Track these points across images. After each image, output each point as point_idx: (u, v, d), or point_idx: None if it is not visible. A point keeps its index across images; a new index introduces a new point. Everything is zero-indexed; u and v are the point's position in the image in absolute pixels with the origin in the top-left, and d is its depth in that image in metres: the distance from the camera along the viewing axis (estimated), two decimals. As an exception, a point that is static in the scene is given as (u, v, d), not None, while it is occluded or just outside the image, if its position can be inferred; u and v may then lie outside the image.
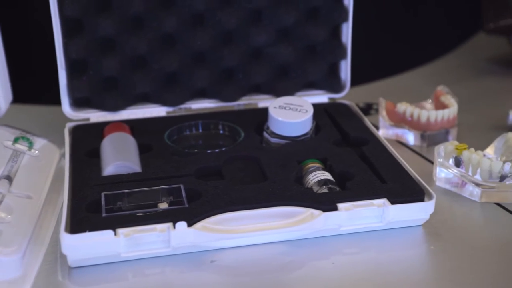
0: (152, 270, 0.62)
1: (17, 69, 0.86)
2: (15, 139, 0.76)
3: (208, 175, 0.73)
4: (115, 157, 0.73)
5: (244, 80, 0.87)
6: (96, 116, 0.84)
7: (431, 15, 1.21)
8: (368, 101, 0.97)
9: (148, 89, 0.84)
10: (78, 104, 0.84)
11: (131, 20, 0.81)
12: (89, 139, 0.79)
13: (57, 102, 0.82)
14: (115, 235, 0.61)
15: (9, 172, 0.72)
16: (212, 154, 0.75)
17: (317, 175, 0.71)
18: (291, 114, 0.77)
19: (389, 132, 0.87)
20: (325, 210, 0.65)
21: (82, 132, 0.81)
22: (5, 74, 0.81)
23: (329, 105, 0.88)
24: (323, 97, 0.89)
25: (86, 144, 0.78)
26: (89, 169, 0.72)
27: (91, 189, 0.68)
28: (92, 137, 0.79)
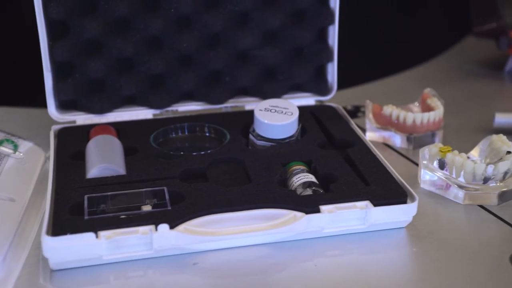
0: (134, 272, 0.62)
1: (3, 72, 0.86)
2: (0, 142, 0.76)
3: (192, 177, 0.73)
4: (100, 160, 0.73)
5: (230, 82, 0.87)
6: (82, 118, 0.84)
7: (421, 18, 1.21)
8: (357, 103, 0.97)
9: (134, 91, 0.84)
10: (64, 106, 0.84)
11: (117, 22, 0.81)
12: (74, 142, 0.79)
13: (44, 104, 0.82)
14: (97, 237, 0.61)
15: (-7, 174, 0.72)
16: (197, 156, 0.75)
17: (301, 177, 0.71)
18: (277, 116, 0.77)
19: (376, 134, 0.87)
20: (308, 212, 0.65)
21: (68, 134, 0.81)
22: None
23: (315, 107, 0.88)
24: (310, 100, 0.89)
25: (71, 146, 0.78)
26: (74, 172, 0.72)
27: (74, 192, 0.68)
28: (78, 140, 0.79)
